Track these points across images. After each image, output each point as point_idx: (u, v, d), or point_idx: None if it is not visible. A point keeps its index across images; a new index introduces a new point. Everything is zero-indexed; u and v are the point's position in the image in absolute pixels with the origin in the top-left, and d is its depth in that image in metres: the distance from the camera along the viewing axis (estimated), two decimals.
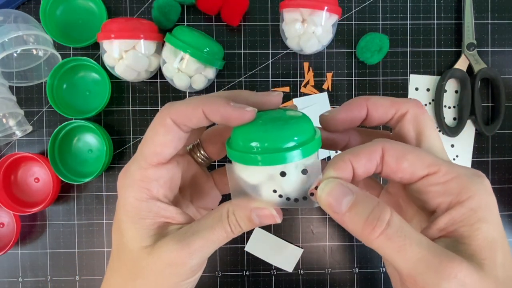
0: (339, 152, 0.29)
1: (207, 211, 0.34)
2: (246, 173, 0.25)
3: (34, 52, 0.51)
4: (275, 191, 0.25)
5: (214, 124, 0.28)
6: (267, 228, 0.53)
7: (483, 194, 0.23)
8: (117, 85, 0.52)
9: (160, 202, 0.27)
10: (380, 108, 0.27)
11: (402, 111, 0.26)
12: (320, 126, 0.29)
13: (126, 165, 0.28)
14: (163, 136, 0.26)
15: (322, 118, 0.28)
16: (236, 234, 0.26)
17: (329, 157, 0.52)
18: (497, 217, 0.23)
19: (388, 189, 0.30)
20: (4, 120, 0.49)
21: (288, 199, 0.25)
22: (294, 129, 0.24)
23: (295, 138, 0.23)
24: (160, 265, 0.26)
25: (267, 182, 0.24)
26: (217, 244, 0.26)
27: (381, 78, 0.53)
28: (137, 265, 0.26)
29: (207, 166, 0.34)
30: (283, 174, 0.24)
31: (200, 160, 0.33)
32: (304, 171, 0.24)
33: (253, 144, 0.23)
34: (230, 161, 0.26)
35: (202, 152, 0.32)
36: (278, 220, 0.25)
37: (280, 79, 0.53)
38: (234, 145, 0.25)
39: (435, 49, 0.53)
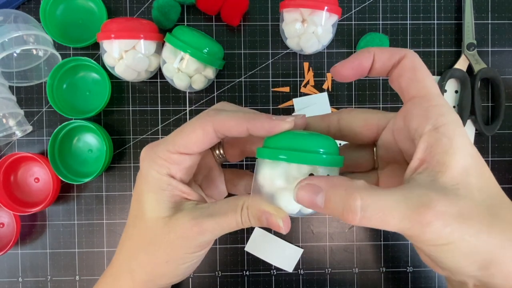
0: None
1: (213, 199, 0.38)
2: (270, 173, 0.27)
3: (34, 52, 0.51)
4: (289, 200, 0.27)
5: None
6: (267, 228, 0.53)
7: (456, 124, 0.25)
8: (117, 85, 0.52)
9: (177, 181, 0.30)
10: (385, 54, 0.28)
11: (402, 55, 0.28)
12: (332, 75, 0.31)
13: (154, 142, 0.31)
14: (199, 137, 0.29)
15: (333, 69, 0.30)
16: (245, 226, 0.29)
17: None
18: (468, 144, 0.25)
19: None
20: (4, 120, 0.49)
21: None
22: (323, 142, 0.26)
23: (322, 149, 0.26)
24: (173, 236, 0.29)
25: (285, 189, 0.26)
26: (227, 230, 0.29)
27: (381, 78, 0.53)
28: (152, 233, 0.29)
29: (221, 164, 0.37)
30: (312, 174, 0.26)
31: (216, 157, 0.36)
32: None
33: (284, 144, 0.26)
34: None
35: (221, 151, 0.36)
36: (283, 231, 0.28)
37: (280, 79, 0.53)
38: (266, 145, 0.28)
39: (435, 49, 0.53)
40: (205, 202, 0.31)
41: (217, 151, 0.36)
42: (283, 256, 0.52)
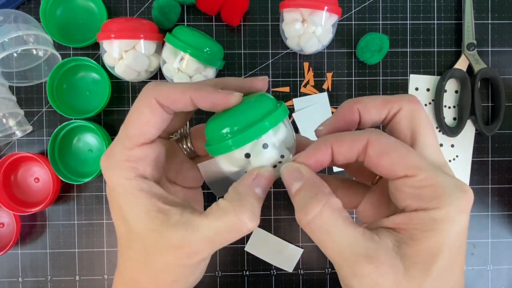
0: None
1: (191, 190, 0.34)
2: (228, 163, 0.26)
3: (34, 52, 0.51)
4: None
5: (198, 110, 0.28)
6: (267, 228, 0.53)
7: (454, 209, 0.22)
8: (117, 85, 0.52)
9: (148, 180, 0.27)
10: (372, 109, 0.26)
11: (395, 110, 0.26)
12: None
13: (108, 147, 0.27)
14: (148, 116, 0.26)
15: (317, 133, 0.28)
16: (250, 227, 0.25)
17: None
18: (457, 235, 0.22)
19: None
20: (4, 120, 0.48)
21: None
22: (255, 108, 0.25)
23: (259, 115, 0.25)
24: (171, 259, 0.25)
25: (248, 163, 0.26)
26: (233, 238, 0.25)
27: (381, 78, 0.53)
28: (149, 255, 0.26)
29: (192, 158, 0.34)
30: (248, 155, 0.25)
31: (184, 151, 0.33)
32: (265, 146, 0.25)
33: (224, 131, 0.25)
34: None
35: (189, 145, 0.33)
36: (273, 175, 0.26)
37: (280, 79, 0.53)
38: (210, 141, 0.26)
39: (435, 49, 0.53)
40: (185, 203, 0.28)
41: (184, 145, 0.33)
42: (283, 256, 0.52)
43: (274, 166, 0.26)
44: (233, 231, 0.24)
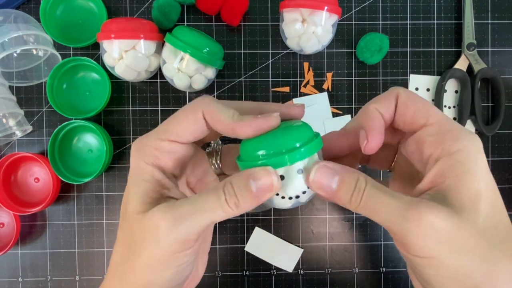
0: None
1: None
2: None
3: (34, 52, 0.51)
4: (283, 197, 0.26)
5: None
6: (267, 228, 0.53)
7: (472, 149, 0.24)
8: (117, 85, 0.52)
9: (164, 173, 0.28)
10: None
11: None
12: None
13: (146, 134, 0.29)
14: (190, 124, 0.27)
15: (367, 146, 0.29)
16: (230, 207, 0.25)
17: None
18: (484, 171, 0.24)
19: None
20: (4, 120, 0.48)
21: (290, 198, 0.26)
22: (293, 135, 0.26)
23: (296, 142, 0.25)
24: (146, 234, 0.25)
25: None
26: (209, 214, 0.25)
27: (381, 78, 0.53)
28: (131, 234, 0.26)
29: (217, 174, 0.35)
30: (282, 177, 0.25)
31: (212, 166, 0.35)
32: (300, 171, 0.26)
33: (259, 153, 0.25)
34: None
35: (218, 161, 0.34)
36: (276, 187, 0.25)
37: (280, 79, 0.53)
38: (243, 157, 0.27)
39: (435, 49, 0.53)
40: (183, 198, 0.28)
41: (214, 161, 0.34)
42: (283, 256, 0.52)
43: (304, 192, 0.26)
44: (209, 202, 0.25)
